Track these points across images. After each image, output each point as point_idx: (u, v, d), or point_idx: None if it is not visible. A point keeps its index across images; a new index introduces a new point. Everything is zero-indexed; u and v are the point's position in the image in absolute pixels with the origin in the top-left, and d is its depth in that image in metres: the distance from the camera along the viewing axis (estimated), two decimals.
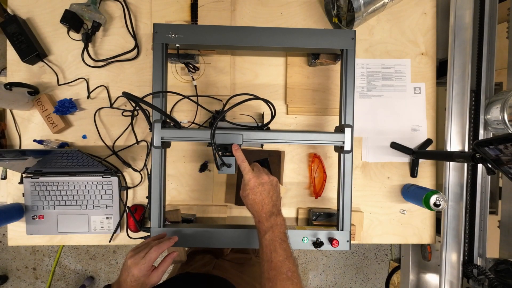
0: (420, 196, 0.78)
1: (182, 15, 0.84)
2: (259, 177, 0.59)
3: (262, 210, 0.58)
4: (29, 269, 1.88)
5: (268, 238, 0.55)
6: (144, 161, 0.86)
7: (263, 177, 0.60)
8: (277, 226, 0.56)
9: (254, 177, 0.59)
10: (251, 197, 0.59)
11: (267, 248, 0.54)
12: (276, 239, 0.55)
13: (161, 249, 0.59)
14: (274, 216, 0.58)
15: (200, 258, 0.88)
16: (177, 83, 0.86)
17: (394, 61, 0.89)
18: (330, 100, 0.87)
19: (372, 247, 1.92)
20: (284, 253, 0.54)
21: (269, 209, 0.58)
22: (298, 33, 0.72)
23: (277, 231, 0.56)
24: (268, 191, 0.59)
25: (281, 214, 0.59)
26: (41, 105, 0.83)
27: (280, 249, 0.54)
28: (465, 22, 0.84)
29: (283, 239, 0.55)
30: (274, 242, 0.54)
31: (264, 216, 0.57)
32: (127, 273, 0.57)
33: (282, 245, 0.54)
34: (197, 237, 0.72)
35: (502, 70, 0.90)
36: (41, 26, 0.85)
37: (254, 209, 0.59)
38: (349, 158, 0.73)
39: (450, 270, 0.84)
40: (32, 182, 0.83)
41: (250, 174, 0.60)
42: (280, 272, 0.52)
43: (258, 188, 0.59)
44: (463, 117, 0.83)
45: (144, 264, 0.57)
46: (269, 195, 0.59)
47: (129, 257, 0.58)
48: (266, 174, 0.61)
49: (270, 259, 0.53)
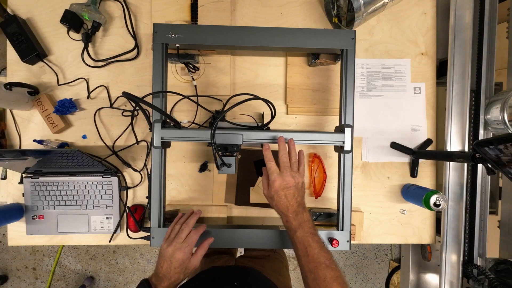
0: (420, 196, 0.78)
1: (182, 15, 0.84)
2: (284, 179, 0.60)
3: (288, 211, 0.59)
4: (29, 269, 1.88)
5: (300, 236, 0.57)
6: (144, 161, 0.86)
7: (288, 180, 0.60)
8: (305, 222, 0.58)
9: (280, 179, 0.60)
10: (276, 199, 0.60)
11: (301, 244, 0.57)
12: (308, 235, 0.57)
13: (199, 232, 0.64)
14: (300, 214, 0.59)
15: (218, 258, 0.90)
16: (177, 83, 0.86)
17: (394, 61, 0.89)
18: (330, 100, 0.87)
19: (372, 247, 1.92)
20: (318, 245, 0.56)
21: (294, 209, 0.59)
22: (298, 33, 0.72)
23: (306, 227, 0.58)
24: (293, 194, 0.60)
25: (306, 210, 0.61)
26: (41, 105, 0.83)
27: (313, 242, 0.56)
28: (465, 22, 0.84)
29: (313, 232, 0.58)
30: (306, 238, 0.57)
31: (291, 216, 0.59)
32: (169, 262, 0.59)
33: (315, 238, 0.57)
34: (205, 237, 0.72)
35: (502, 70, 0.90)
36: (41, 26, 0.85)
37: (280, 210, 0.60)
38: (349, 158, 0.73)
39: (450, 270, 0.84)
40: (32, 182, 0.83)
41: (275, 175, 0.60)
42: (319, 263, 0.54)
43: (283, 191, 0.59)
44: (463, 117, 0.83)
45: (187, 246, 0.60)
46: (294, 197, 0.60)
47: (166, 246, 0.60)
48: (292, 176, 0.60)
49: (306, 253, 0.56)
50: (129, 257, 1.88)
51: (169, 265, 0.59)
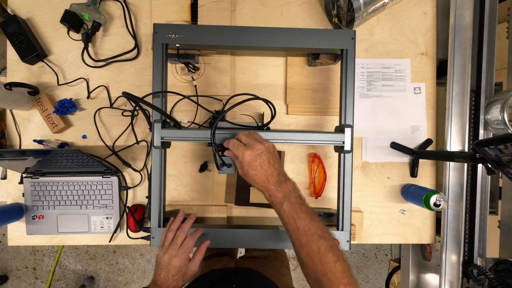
0: (420, 196, 0.78)
1: (182, 15, 0.84)
2: (252, 148, 0.54)
3: (269, 182, 0.53)
4: (29, 269, 1.88)
5: (287, 209, 0.52)
6: (144, 161, 0.86)
7: (256, 147, 0.54)
8: (291, 192, 0.53)
9: (248, 149, 0.54)
10: (252, 172, 0.54)
11: (289, 217, 0.51)
12: (295, 206, 0.52)
13: (195, 237, 0.61)
14: (283, 183, 0.53)
15: (219, 260, 0.89)
16: (177, 83, 0.86)
17: (394, 61, 0.89)
18: (330, 100, 0.87)
19: (372, 247, 1.92)
20: (307, 215, 0.51)
21: (275, 179, 0.53)
22: (298, 33, 0.72)
23: (292, 197, 0.53)
24: (268, 160, 0.54)
25: (289, 178, 0.55)
26: (41, 105, 0.83)
27: (302, 213, 0.51)
28: (465, 22, 0.84)
29: (301, 202, 0.53)
30: (295, 210, 0.51)
31: (274, 188, 0.53)
32: (167, 270, 0.57)
33: (303, 209, 0.52)
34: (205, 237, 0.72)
35: (502, 70, 0.90)
36: (41, 26, 0.85)
37: (260, 185, 0.54)
38: (349, 158, 0.73)
39: (450, 270, 0.84)
40: (32, 182, 0.83)
41: (241, 147, 0.55)
42: (311, 235, 0.50)
43: (256, 161, 0.53)
44: (463, 117, 0.83)
45: (183, 253, 0.58)
46: (270, 164, 0.54)
47: (162, 254, 0.59)
48: (259, 142, 0.55)
49: (296, 227, 0.51)
50: (129, 257, 1.88)
51: (166, 273, 0.58)
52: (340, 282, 0.47)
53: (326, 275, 0.47)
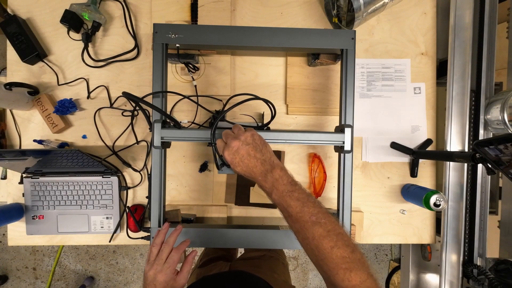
0: (420, 196, 0.78)
1: (182, 15, 0.84)
2: (229, 147, 0.55)
3: (255, 174, 0.54)
4: (29, 269, 1.88)
5: (276, 197, 0.52)
6: (144, 161, 0.86)
7: (232, 144, 0.54)
8: (278, 181, 0.52)
9: (226, 150, 0.55)
10: (237, 169, 0.55)
11: (280, 205, 0.52)
12: (284, 194, 0.51)
13: (181, 250, 0.59)
14: (269, 173, 0.53)
15: (214, 266, 0.88)
16: (177, 83, 0.86)
17: (394, 61, 0.89)
18: (330, 100, 0.87)
19: (372, 247, 1.92)
20: (298, 202, 0.50)
21: (260, 169, 0.53)
22: (298, 33, 0.72)
23: (280, 186, 0.52)
24: (248, 153, 0.54)
25: (277, 165, 0.54)
26: (41, 105, 0.83)
27: (292, 200, 0.50)
28: (465, 22, 0.84)
29: (290, 190, 0.51)
30: (283, 198, 0.51)
31: (261, 179, 0.53)
32: (153, 285, 0.56)
33: (293, 196, 0.51)
34: (200, 237, 0.72)
35: (502, 70, 0.90)
36: (41, 26, 0.85)
37: (249, 175, 0.55)
38: (349, 158, 0.73)
39: (450, 270, 0.84)
40: (32, 182, 0.83)
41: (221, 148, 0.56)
42: (303, 221, 0.49)
43: (236, 158, 0.54)
44: (463, 117, 0.83)
45: (169, 268, 0.57)
46: (250, 156, 0.54)
47: (148, 269, 0.57)
48: (235, 138, 0.55)
49: (289, 214, 0.51)
50: (129, 257, 1.88)
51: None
52: (339, 267, 0.46)
53: (324, 261, 0.47)
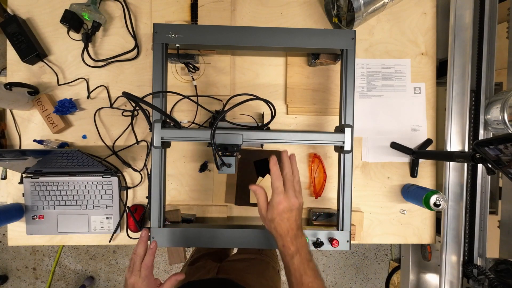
0: (420, 196, 0.78)
1: (182, 15, 0.84)
2: (290, 200, 0.56)
3: (287, 234, 0.55)
4: (29, 269, 1.88)
5: (297, 262, 0.54)
6: (144, 161, 0.86)
7: (293, 202, 0.56)
8: (303, 248, 0.55)
9: (286, 201, 0.55)
10: (277, 221, 0.56)
11: (297, 271, 0.54)
12: (304, 261, 0.54)
13: (152, 250, 0.60)
14: (299, 238, 0.56)
15: (202, 265, 0.88)
16: (177, 83, 0.86)
17: (394, 61, 0.89)
18: (330, 100, 0.87)
19: (372, 247, 1.92)
20: (313, 272, 0.53)
21: (294, 232, 0.56)
22: (298, 33, 0.72)
23: (303, 252, 0.55)
24: (295, 216, 0.56)
25: (304, 233, 0.58)
26: (41, 105, 0.83)
27: (309, 270, 0.53)
28: (465, 22, 0.84)
29: (309, 259, 0.55)
30: (303, 265, 0.53)
31: (290, 240, 0.55)
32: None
33: (310, 265, 0.54)
34: (199, 237, 0.72)
35: (502, 70, 0.90)
36: (41, 26, 0.85)
37: (278, 233, 0.56)
38: (349, 158, 0.73)
39: (450, 270, 0.84)
40: (32, 182, 0.83)
41: (282, 196, 0.56)
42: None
43: (286, 214, 0.56)
44: (463, 117, 0.83)
45: (145, 270, 0.57)
46: (295, 220, 0.56)
47: (127, 277, 0.58)
48: (296, 197, 0.57)
49: (301, 282, 0.53)
50: (129, 257, 1.88)
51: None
52: None
53: None
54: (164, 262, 1.88)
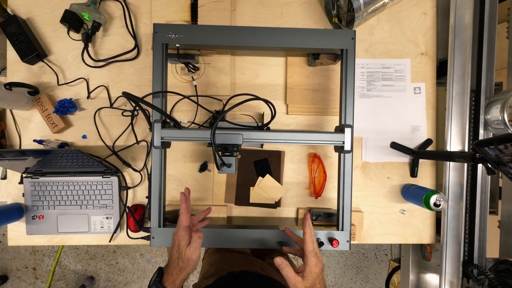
0: (420, 196, 0.78)
1: (182, 15, 0.84)
2: (321, 261, 0.57)
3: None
4: (29, 269, 1.88)
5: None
6: (144, 161, 0.86)
7: (322, 261, 0.57)
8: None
9: (319, 262, 0.57)
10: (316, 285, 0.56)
11: None
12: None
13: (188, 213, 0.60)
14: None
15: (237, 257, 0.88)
16: (177, 83, 0.86)
17: (394, 61, 0.89)
18: (330, 100, 0.87)
19: (372, 247, 1.92)
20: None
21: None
22: (298, 33, 0.72)
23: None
24: (323, 277, 0.58)
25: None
26: (41, 105, 0.83)
27: None
28: (465, 22, 0.84)
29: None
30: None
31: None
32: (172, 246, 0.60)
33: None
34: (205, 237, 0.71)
35: (502, 70, 0.90)
36: (41, 26, 0.85)
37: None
38: (349, 158, 0.73)
39: (450, 270, 0.84)
40: (32, 182, 0.83)
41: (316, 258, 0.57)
42: None
43: (321, 275, 0.57)
44: (463, 117, 0.83)
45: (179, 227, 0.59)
46: (323, 280, 0.58)
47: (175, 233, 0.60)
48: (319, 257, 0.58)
49: None
50: (129, 257, 1.88)
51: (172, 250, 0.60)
52: None
53: None
54: (164, 262, 1.88)
